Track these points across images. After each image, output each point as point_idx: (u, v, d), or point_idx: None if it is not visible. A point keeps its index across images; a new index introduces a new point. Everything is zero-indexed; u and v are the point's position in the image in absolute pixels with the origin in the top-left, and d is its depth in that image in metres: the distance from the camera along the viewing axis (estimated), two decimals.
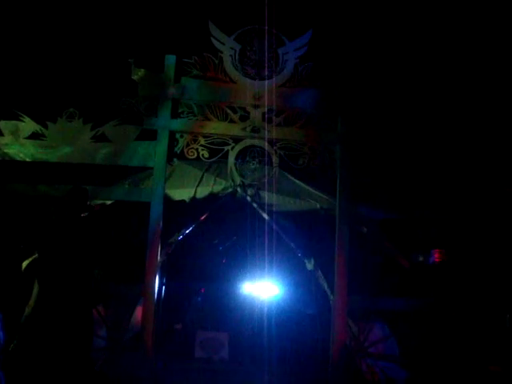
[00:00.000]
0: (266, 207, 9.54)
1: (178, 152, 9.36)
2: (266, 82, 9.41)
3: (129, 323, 9.17)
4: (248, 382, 9.13)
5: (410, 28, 10.86)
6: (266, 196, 9.58)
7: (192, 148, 9.33)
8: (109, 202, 9.60)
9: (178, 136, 9.36)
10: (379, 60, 10.21)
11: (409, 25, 10.90)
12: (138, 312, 9.03)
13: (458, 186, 9.53)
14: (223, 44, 9.52)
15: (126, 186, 9.70)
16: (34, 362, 6.46)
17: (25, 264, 7.03)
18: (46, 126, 9.42)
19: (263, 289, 9.76)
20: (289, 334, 10.36)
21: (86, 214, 7.14)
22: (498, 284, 9.52)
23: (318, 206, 9.97)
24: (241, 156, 9.45)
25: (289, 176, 10.39)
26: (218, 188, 9.87)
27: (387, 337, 9.63)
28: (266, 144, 9.39)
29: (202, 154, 9.34)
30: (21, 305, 6.81)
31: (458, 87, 10.20)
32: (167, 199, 9.39)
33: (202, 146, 9.35)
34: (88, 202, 7.33)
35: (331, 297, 9.38)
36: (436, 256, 9.48)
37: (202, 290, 11.11)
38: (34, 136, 9.43)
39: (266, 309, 10.07)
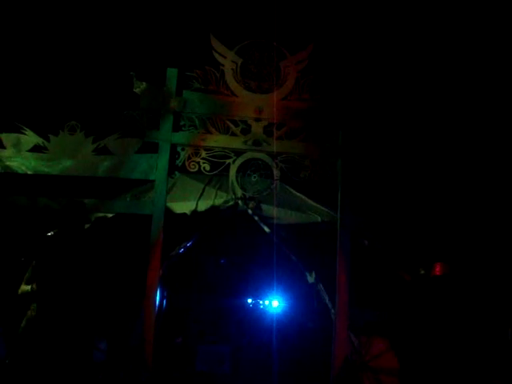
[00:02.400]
0: (267, 220, 9.55)
1: (180, 165, 9.36)
2: (268, 95, 9.43)
3: (129, 336, 9.17)
4: None
5: (409, 39, 10.89)
6: (267, 209, 9.59)
7: (193, 161, 9.34)
8: (110, 215, 9.62)
9: (179, 149, 9.37)
10: (380, 73, 10.23)
11: (407, 36, 10.94)
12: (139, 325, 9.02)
13: (461, 198, 9.53)
14: (224, 57, 9.54)
15: (128, 199, 9.72)
16: (33, 375, 6.44)
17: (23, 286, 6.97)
18: (47, 139, 9.44)
19: (264, 302, 9.73)
20: (290, 348, 10.32)
21: (88, 225, 7.15)
22: (500, 297, 9.50)
23: (319, 218, 9.99)
24: (242, 169, 9.45)
25: (290, 189, 10.42)
26: (219, 201, 9.89)
27: (387, 350, 9.60)
28: (268, 157, 9.40)
29: (204, 167, 9.35)
30: (21, 318, 6.80)
31: (456, 96, 10.21)
32: (168, 212, 9.39)
33: (203, 159, 9.35)
34: (86, 215, 7.34)
35: (332, 310, 9.36)
36: (438, 269, 9.44)
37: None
38: (35, 149, 9.45)
39: (267, 322, 10.04)
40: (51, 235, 7.10)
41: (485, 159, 9.66)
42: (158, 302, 9.08)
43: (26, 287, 6.85)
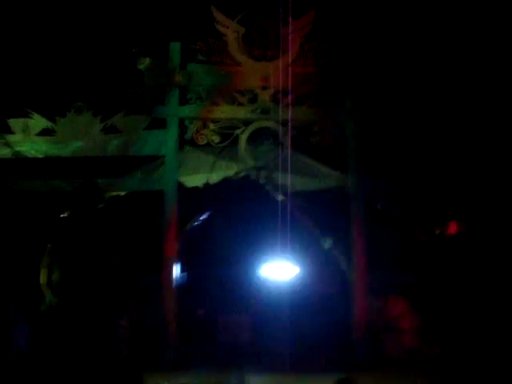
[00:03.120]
0: (279, 188, 9.52)
1: (189, 139, 9.38)
2: (273, 62, 9.36)
3: (151, 312, 9.23)
4: (272, 364, 9.14)
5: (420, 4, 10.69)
6: (279, 177, 9.55)
7: (202, 134, 9.34)
8: (123, 194, 9.63)
9: (187, 123, 9.37)
10: (385, 35, 10.10)
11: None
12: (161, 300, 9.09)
13: (474, 155, 9.44)
14: (227, 27, 9.48)
15: (139, 176, 9.71)
16: (60, 355, 6.51)
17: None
18: (55, 122, 9.46)
19: (282, 270, 9.74)
20: (309, 315, 10.35)
21: (103, 205, 7.17)
22: None
23: (332, 183, 9.93)
24: (251, 139, 9.43)
25: (301, 156, 10.35)
26: (230, 172, 9.85)
27: (408, 311, 9.63)
28: (276, 125, 9.36)
29: (213, 140, 9.35)
30: (35, 299, 6.84)
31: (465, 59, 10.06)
32: (180, 186, 9.40)
33: (211, 131, 9.35)
34: (100, 194, 7.36)
35: (350, 274, 9.37)
36: (453, 228, 9.43)
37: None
38: (44, 132, 9.48)
39: (285, 290, 10.05)
40: (66, 217, 7.13)
41: (499, 117, 9.54)
42: (176, 276, 9.14)
43: (44, 271, 6.90)
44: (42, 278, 6.75)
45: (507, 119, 9.44)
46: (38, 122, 9.48)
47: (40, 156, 9.44)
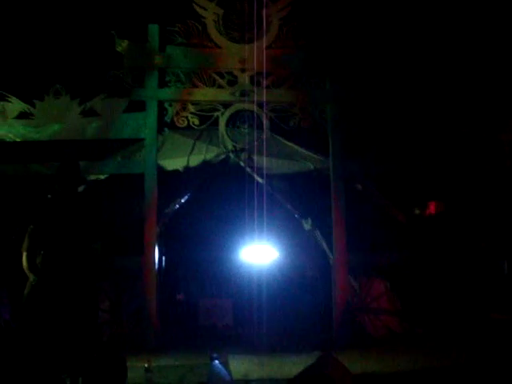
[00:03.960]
0: (259, 171, 9.54)
1: (169, 121, 9.34)
2: (252, 44, 9.34)
3: (132, 295, 9.23)
4: (252, 345, 9.19)
5: None
6: (258, 160, 9.57)
7: (182, 116, 9.31)
8: (102, 177, 9.60)
9: (166, 105, 9.32)
10: (364, 15, 10.13)
11: None
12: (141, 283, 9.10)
13: (451, 135, 9.52)
14: (206, 9, 9.43)
15: (119, 159, 9.69)
16: (40, 339, 6.47)
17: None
18: (33, 105, 9.36)
19: (262, 253, 9.78)
20: (290, 297, 10.41)
21: (82, 187, 7.11)
22: (494, 232, 9.59)
23: (312, 166, 9.99)
24: (231, 121, 9.43)
25: (280, 138, 10.39)
26: (210, 155, 9.86)
27: (388, 291, 9.72)
28: (256, 107, 9.36)
29: (193, 122, 9.32)
30: (21, 282, 6.80)
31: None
32: (160, 170, 9.39)
33: (191, 113, 9.32)
34: (81, 175, 7.29)
35: (331, 255, 9.44)
36: (432, 208, 9.54)
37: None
38: (22, 116, 9.37)
39: (266, 273, 10.10)
40: (46, 199, 7.05)
41: (475, 96, 9.61)
42: (156, 260, 9.13)
43: (26, 254, 6.83)
44: (24, 261, 6.68)
45: (487, 95, 9.53)
46: (16, 105, 9.37)
47: (18, 140, 9.34)
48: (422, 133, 9.60)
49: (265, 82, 9.37)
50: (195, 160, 9.83)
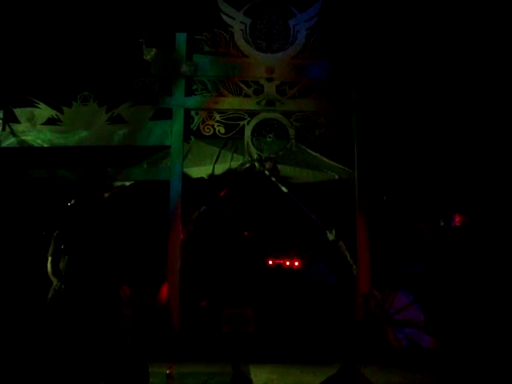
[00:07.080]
0: (284, 180, 9.55)
1: (194, 129, 9.40)
2: (278, 54, 9.39)
3: (155, 302, 9.26)
4: (274, 354, 9.17)
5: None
6: (283, 169, 9.58)
7: (208, 125, 9.37)
8: (128, 184, 9.66)
9: (193, 113, 9.40)
10: (391, 27, 10.10)
11: None
12: (164, 290, 9.13)
13: (477, 148, 9.45)
14: (233, 19, 9.50)
15: (145, 166, 9.74)
16: (63, 343, 6.51)
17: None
18: (61, 111, 9.49)
19: (285, 262, 9.78)
20: (313, 306, 10.38)
21: (108, 193, 7.15)
22: None
23: (337, 176, 9.95)
24: (257, 130, 9.46)
25: (306, 148, 10.37)
26: (235, 164, 9.87)
27: (411, 303, 9.65)
28: (282, 117, 9.40)
29: (218, 130, 9.37)
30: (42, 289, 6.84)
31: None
32: (186, 177, 9.44)
33: (217, 122, 9.38)
34: (109, 182, 7.34)
35: (354, 266, 9.41)
36: (457, 220, 9.44)
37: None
38: (50, 122, 9.51)
39: (289, 282, 10.09)
40: (72, 205, 7.11)
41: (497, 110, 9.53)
42: (180, 266, 9.16)
43: (50, 259, 6.88)
44: (49, 266, 6.73)
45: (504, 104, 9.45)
46: (44, 111, 9.52)
47: (46, 145, 9.47)
48: (447, 144, 9.54)
49: (291, 92, 9.41)
50: (220, 168, 9.86)
